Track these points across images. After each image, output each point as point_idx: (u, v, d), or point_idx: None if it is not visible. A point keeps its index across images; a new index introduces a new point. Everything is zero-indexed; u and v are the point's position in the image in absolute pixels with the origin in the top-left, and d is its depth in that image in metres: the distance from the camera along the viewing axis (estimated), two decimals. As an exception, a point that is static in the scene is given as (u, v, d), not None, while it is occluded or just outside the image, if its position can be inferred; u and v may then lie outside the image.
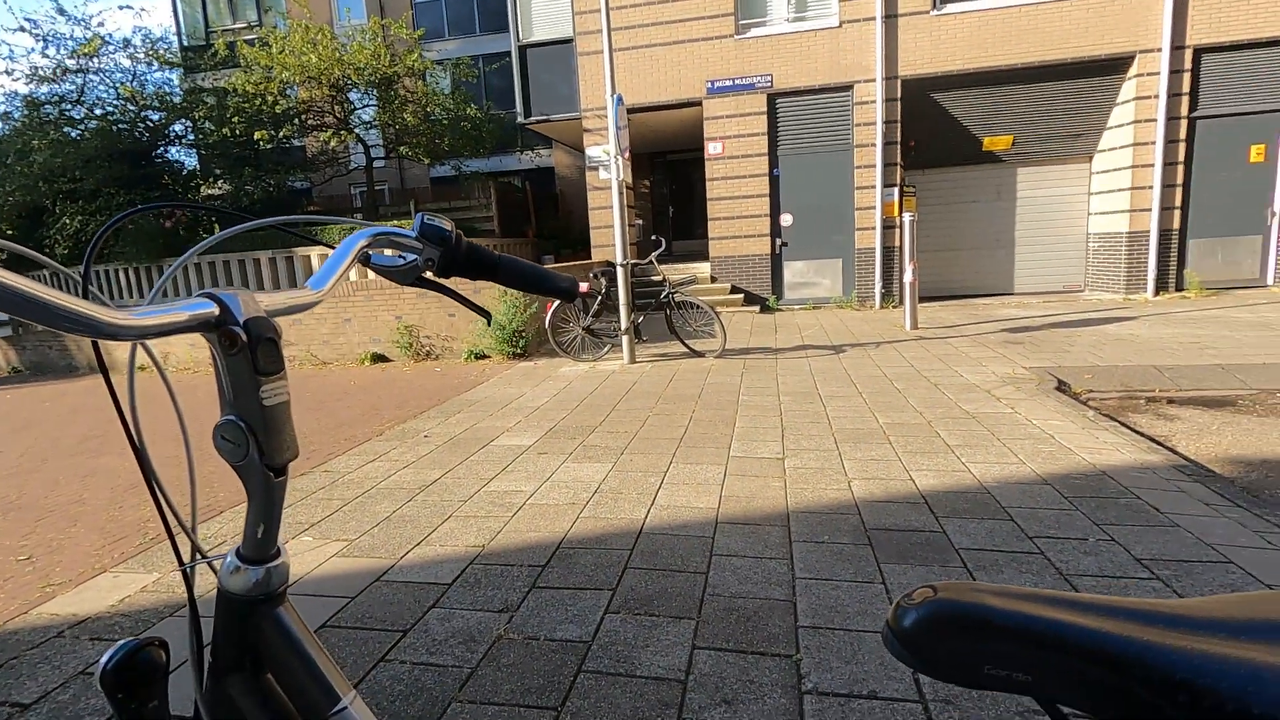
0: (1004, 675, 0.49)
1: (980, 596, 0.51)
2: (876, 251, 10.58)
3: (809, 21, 10.44)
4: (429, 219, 0.82)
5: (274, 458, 0.63)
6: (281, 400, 0.64)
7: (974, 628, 0.50)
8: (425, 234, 0.82)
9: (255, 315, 0.61)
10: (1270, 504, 3.05)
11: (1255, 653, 0.46)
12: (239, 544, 0.68)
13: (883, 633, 0.54)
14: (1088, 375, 5.49)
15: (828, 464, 3.66)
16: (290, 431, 0.65)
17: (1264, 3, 9.22)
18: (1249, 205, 9.79)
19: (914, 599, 0.53)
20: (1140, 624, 0.49)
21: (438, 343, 8.09)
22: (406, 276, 0.84)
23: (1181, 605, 0.51)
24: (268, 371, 0.62)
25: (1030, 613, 0.50)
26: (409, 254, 0.83)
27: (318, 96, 12.60)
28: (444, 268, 0.84)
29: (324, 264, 0.76)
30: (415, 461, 4.13)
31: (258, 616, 0.68)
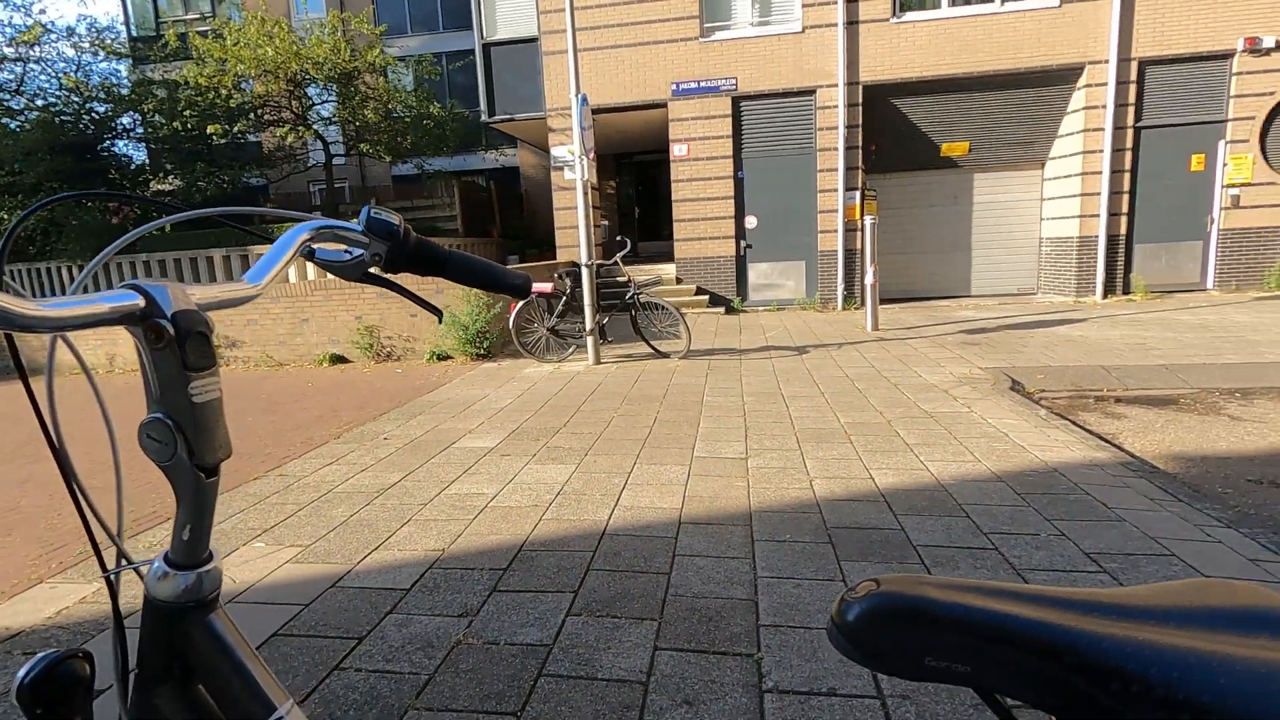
0: (944, 666, 0.50)
1: (922, 589, 0.52)
2: (839, 254, 10.75)
3: (773, 26, 10.56)
4: (375, 212, 0.80)
5: (205, 457, 0.61)
6: (213, 397, 0.61)
7: (915, 620, 0.51)
8: (372, 228, 0.79)
9: (184, 308, 0.59)
10: (1209, 498, 3.18)
11: (1182, 639, 0.47)
12: (167, 549, 0.65)
13: (827, 627, 0.55)
14: (1040, 375, 5.65)
15: (790, 463, 3.69)
16: (223, 430, 0.63)
17: (1203, 19, 9.64)
18: (1190, 212, 10.21)
19: (858, 593, 0.53)
20: (1075, 613, 0.50)
21: (399, 343, 7.95)
22: (352, 272, 0.81)
23: (1115, 594, 0.52)
24: (198, 367, 0.59)
25: (969, 604, 0.51)
26: (355, 249, 0.81)
27: (274, 91, 12.27)
28: (392, 263, 0.81)
29: (262, 257, 0.73)
30: (374, 464, 4.04)
31: (188, 624, 0.65)
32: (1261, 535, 2.67)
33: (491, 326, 7.63)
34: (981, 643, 0.49)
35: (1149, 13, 9.70)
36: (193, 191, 13.21)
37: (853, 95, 10.38)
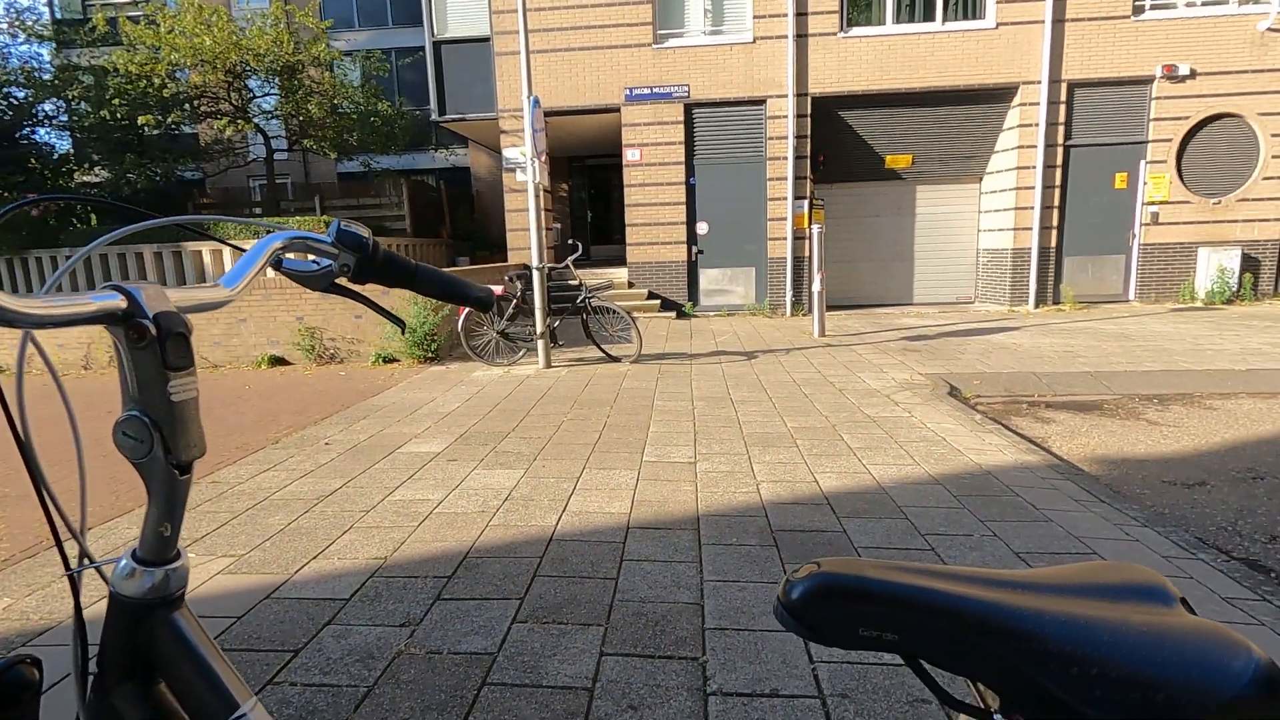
0: (875, 635, 0.56)
1: (856, 568, 0.59)
2: (787, 261, 10.96)
3: (725, 36, 10.71)
4: (345, 225, 0.82)
5: (180, 454, 0.63)
6: (190, 396, 0.63)
7: (850, 595, 0.57)
8: (342, 240, 0.81)
9: (165, 309, 0.61)
10: (1129, 499, 3.36)
11: (1080, 608, 0.56)
12: (134, 546, 0.67)
13: (774, 606, 0.60)
14: (976, 381, 5.88)
15: (738, 467, 3.74)
16: (198, 428, 0.65)
17: (1126, 46, 10.22)
18: (1115, 228, 10.80)
19: (799, 574, 0.59)
20: (990, 588, 0.57)
21: (343, 346, 7.73)
22: (319, 282, 0.83)
23: (1025, 574, 0.61)
24: (177, 366, 0.61)
25: (898, 580, 0.57)
26: (323, 259, 0.83)
27: (212, 81, 11.79)
28: (359, 274, 0.83)
29: (236, 263, 0.75)
30: (314, 470, 3.91)
31: (152, 622, 0.66)
32: (1175, 534, 2.84)
33: (440, 329, 7.49)
34: (908, 614, 0.56)
35: (1077, 38, 10.24)
36: (121, 184, 12.56)
37: (801, 106, 10.62)
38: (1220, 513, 3.25)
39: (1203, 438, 4.40)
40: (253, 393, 6.37)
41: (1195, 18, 10.19)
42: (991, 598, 0.56)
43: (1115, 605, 0.56)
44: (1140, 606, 0.56)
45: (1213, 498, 3.43)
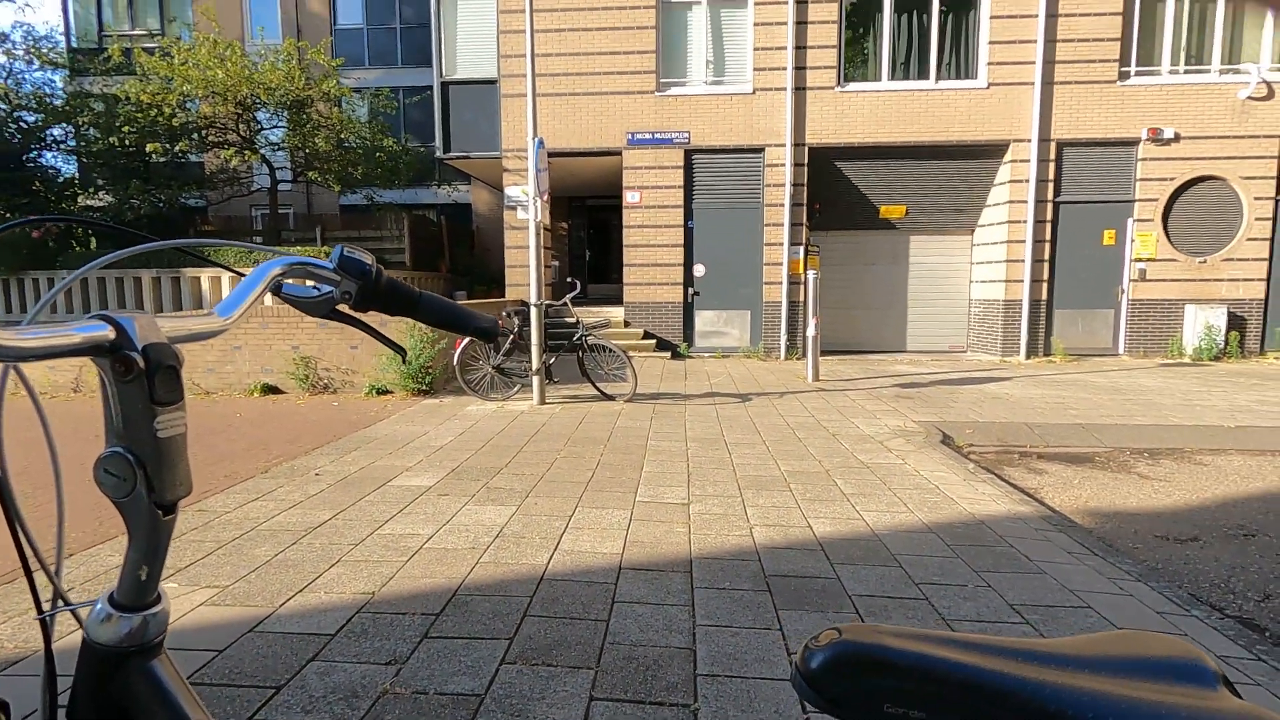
0: (901, 713, 0.53)
1: (880, 638, 0.55)
2: (782, 305, 11.08)
3: (726, 86, 11.03)
4: (349, 252, 0.80)
5: (165, 494, 0.59)
6: (178, 432, 0.60)
7: (875, 667, 0.54)
8: (344, 266, 0.79)
9: (155, 341, 0.58)
10: (1122, 553, 3.35)
11: (1110, 686, 0.52)
12: (111, 589, 0.62)
13: (791, 676, 0.57)
14: (969, 430, 5.90)
15: (731, 510, 3.72)
16: (185, 466, 0.62)
17: (1112, 109, 10.57)
18: (1103, 282, 10.99)
19: (820, 641, 0.56)
20: (1018, 662, 0.54)
21: (337, 376, 7.71)
22: (319, 308, 0.82)
23: (1051, 644, 0.57)
24: (165, 401, 0.58)
25: (924, 653, 0.54)
26: (324, 286, 0.81)
27: (222, 113, 12.02)
28: (361, 301, 0.81)
29: (233, 290, 0.73)
30: (303, 501, 3.87)
31: (128, 670, 0.61)
32: (1167, 589, 2.83)
33: (435, 362, 7.50)
34: (936, 690, 0.53)
35: (1065, 100, 10.59)
36: (124, 209, 12.67)
37: (799, 155, 10.87)
38: (1213, 569, 3.24)
39: (1194, 493, 4.41)
40: (244, 420, 6.32)
41: (1179, 84, 10.57)
42: (1029, 674, 0.53)
43: (1155, 685, 0.53)
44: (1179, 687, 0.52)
45: (1205, 554, 3.43)
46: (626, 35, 10.87)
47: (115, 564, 2.99)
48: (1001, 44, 10.58)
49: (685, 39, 11.07)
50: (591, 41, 10.90)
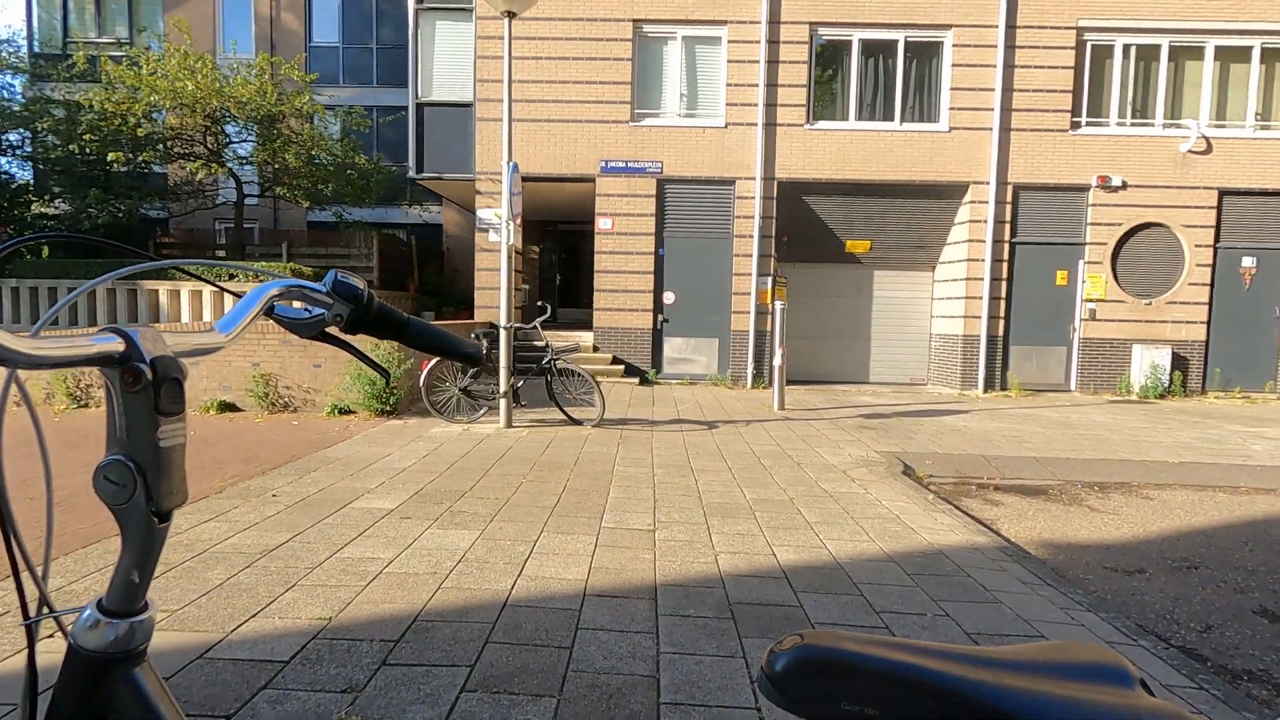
0: (857, 710, 0.58)
1: (839, 642, 0.60)
2: (750, 335, 11.23)
3: (698, 119, 11.27)
4: (342, 277, 0.83)
5: (163, 502, 0.61)
6: (178, 442, 0.62)
7: (833, 669, 0.59)
8: (338, 290, 0.82)
9: (161, 354, 0.60)
10: (1073, 583, 3.45)
11: (1041, 686, 0.59)
12: (100, 595, 0.64)
13: (757, 678, 0.62)
14: (929, 461, 6.03)
15: (697, 537, 3.73)
16: (182, 476, 0.64)
17: (1064, 157, 11.09)
18: (1057, 321, 11.41)
19: (784, 646, 0.61)
20: (965, 665, 0.60)
21: (298, 394, 7.55)
22: (308, 330, 0.84)
23: (995, 651, 0.64)
24: (169, 412, 0.60)
25: (879, 655, 0.59)
26: (316, 308, 0.83)
27: (189, 124, 11.83)
28: (351, 325, 0.84)
29: (232, 309, 0.75)
30: (259, 523, 3.76)
31: (112, 677, 0.63)
32: (1116, 619, 2.92)
33: (401, 383, 7.40)
34: (890, 689, 0.58)
35: (1021, 146, 11.08)
36: (81, 218, 12.33)
37: (768, 189, 11.13)
38: (1159, 600, 3.35)
39: (1141, 526, 4.57)
40: (199, 439, 6.13)
41: (1126, 135, 11.15)
42: (973, 675, 0.58)
43: (1084, 685, 0.59)
44: (1106, 687, 0.59)
45: (1151, 585, 3.55)
46: (603, 65, 11.06)
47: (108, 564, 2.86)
48: (962, 90, 11.06)
49: (660, 72, 11.32)
50: (568, 70, 11.07)
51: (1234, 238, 11.23)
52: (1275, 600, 3.39)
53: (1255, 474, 5.95)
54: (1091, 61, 11.19)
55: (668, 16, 11.05)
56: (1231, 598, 3.41)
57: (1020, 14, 10.92)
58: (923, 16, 10.97)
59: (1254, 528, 4.61)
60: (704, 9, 11.00)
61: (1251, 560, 3.96)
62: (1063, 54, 11.00)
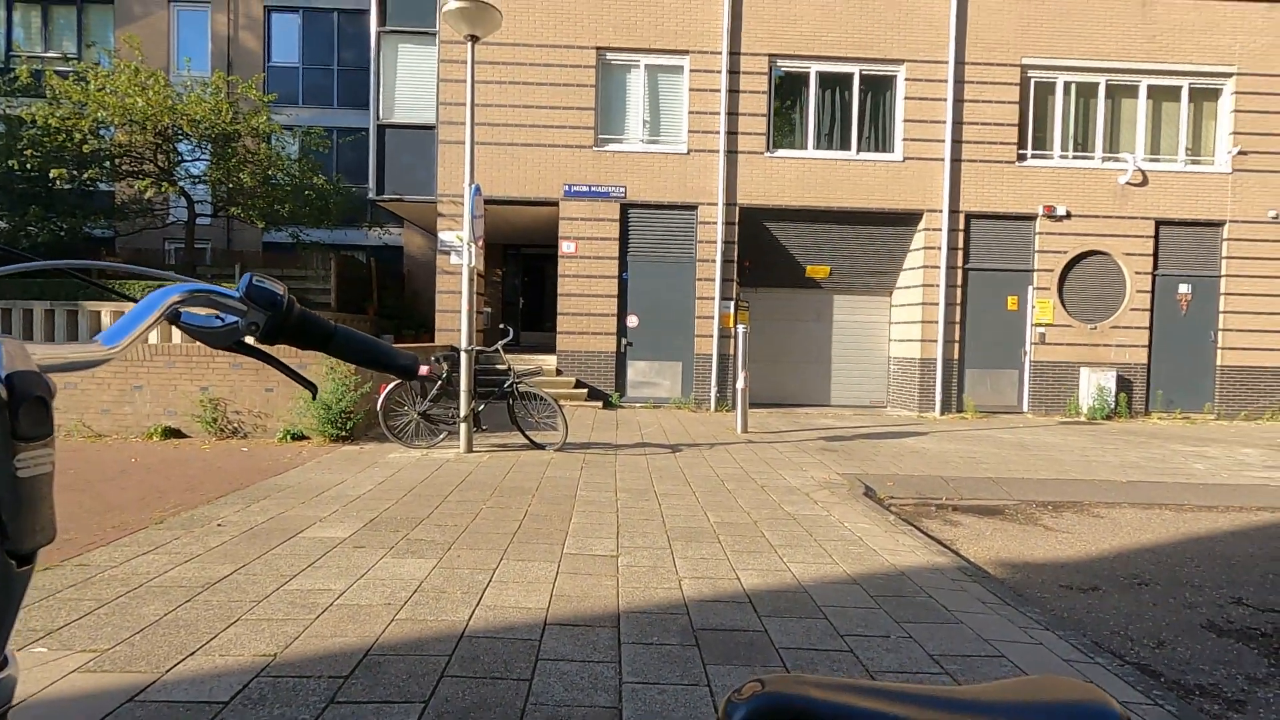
0: None
1: (802, 688, 0.56)
2: (713, 358, 11.29)
3: (661, 145, 11.42)
4: (258, 280, 0.76)
5: (21, 542, 0.52)
6: (43, 471, 0.53)
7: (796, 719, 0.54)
8: (251, 295, 0.75)
9: (23, 369, 0.51)
10: (1031, 602, 3.49)
11: None
12: None
13: None
14: (890, 482, 6.09)
15: (660, 562, 3.68)
16: (49, 510, 0.54)
17: (1012, 187, 11.53)
18: (1009, 345, 11.76)
19: (743, 694, 0.55)
20: (935, 710, 0.56)
21: (249, 419, 7.28)
22: (222, 340, 0.76)
23: (965, 691, 0.59)
24: (30, 436, 0.51)
25: (846, 702, 0.55)
26: (229, 315, 0.76)
27: (139, 141, 11.49)
28: (269, 334, 0.77)
29: (122, 317, 0.67)
30: (202, 554, 3.58)
31: None
32: (1073, 637, 2.96)
33: (358, 406, 7.20)
34: None
35: (971, 176, 11.49)
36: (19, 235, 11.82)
37: (730, 215, 11.30)
38: (1113, 617, 3.41)
39: (1093, 544, 4.67)
40: (139, 466, 5.85)
41: (1069, 168, 11.67)
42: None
43: None
44: None
45: (1105, 603, 3.61)
46: (567, 91, 11.15)
47: None
48: (915, 122, 11.45)
49: (624, 98, 11.46)
50: (532, 95, 11.13)
51: (1171, 265, 11.79)
52: (1222, 615, 3.49)
53: (1198, 492, 6.17)
54: (1035, 97, 11.72)
55: (631, 45, 11.23)
56: (1181, 613, 3.49)
57: (968, 51, 11.40)
58: (876, 51, 11.37)
59: (1199, 544, 4.76)
60: (666, 39, 11.21)
61: (1198, 576, 4.07)
62: (1008, 89, 11.50)
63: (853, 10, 11.31)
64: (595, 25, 11.16)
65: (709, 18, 11.17)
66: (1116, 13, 11.54)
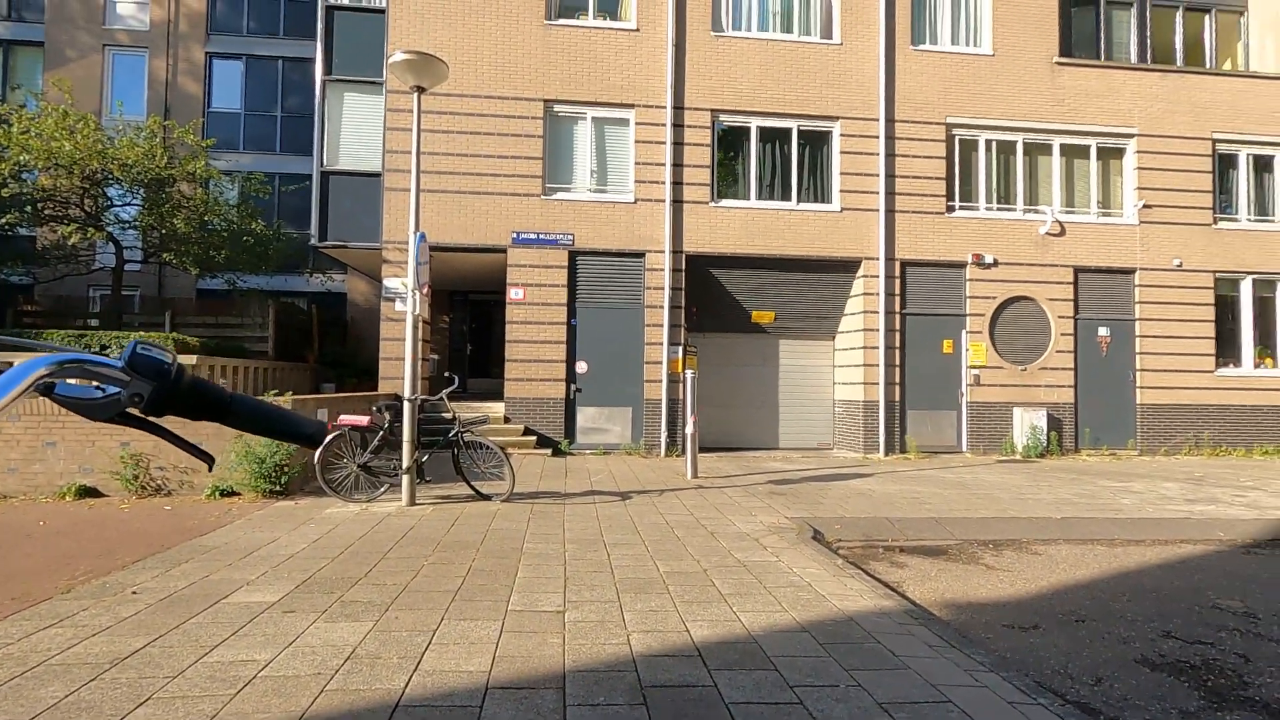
0: None
1: None
2: (663, 403, 11.32)
3: (609, 194, 11.62)
4: (143, 348, 0.71)
5: None
6: None
7: None
8: (135, 365, 0.70)
9: None
10: (976, 643, 3.53)
11: None
12: None
13: None
14: (838, 525, 6.14)
15: (608, 616, 3.58)
16: None
17: (942, 237, 12.13)
18: (946, 387, 12.19)
19: None
20: None
21: (174, 475, 6.89)
22: (101, 412, 0.71)
23: None
24: None
25: None
26: (110, 386, 0.71)
27: (64, 186, 11.05)
28: (155, 405, 0.72)
29: None
30: (112, 626, 3.31)
31: None
32: (1016, 678, 2.99)
33: (293, 460, 6.90)
34: None
35: (905, 226, 12.05)
36: (-74, 283, 11.10)
37: (677, 262, 11.51)
38: (1053, 656, 3.48)
39: (1032, 582, 4.78)
40: (48, 530, 5.43)
41: (993, 219, 12.37)
42: None
43: None
44: None
45: (1045, 641, 3.68)
46: (515, 141, 11.30)
47: None
48: (850, 175, 11.99)
49: (572, 149, 11.67)
50: (480, 144, 11.22)
51: (1090, 310, 12.51)
52: (1153, 650, 3.59)
53: (1126, 526, 6.43)
54: (960, 153, 12.46)
55: (578, 98, 11.50)
56: (1117, 648, 3.58)
57: (897, 110, 12.09)
58: (813, 109, 11.94)
59: (1129, 579, 4.93)
60: (612, 93, 11.53)
61: (1130, 610, 4.20)
62: (936, 145, 12.20)
63: (789, 70, 11.90)
64: (542, 79, 11.41)
65: (653, 74, 11.57)
66: (1028, 79, 12.47)
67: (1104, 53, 13.13)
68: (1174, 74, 12.92)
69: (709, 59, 11.74)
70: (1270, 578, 5.04)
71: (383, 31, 11.44)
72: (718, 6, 11.92)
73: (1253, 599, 4.49)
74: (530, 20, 11.45)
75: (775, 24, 12.17)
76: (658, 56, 11.59)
